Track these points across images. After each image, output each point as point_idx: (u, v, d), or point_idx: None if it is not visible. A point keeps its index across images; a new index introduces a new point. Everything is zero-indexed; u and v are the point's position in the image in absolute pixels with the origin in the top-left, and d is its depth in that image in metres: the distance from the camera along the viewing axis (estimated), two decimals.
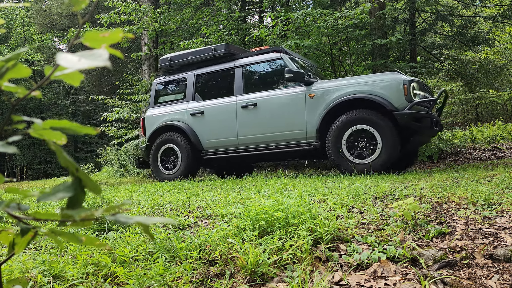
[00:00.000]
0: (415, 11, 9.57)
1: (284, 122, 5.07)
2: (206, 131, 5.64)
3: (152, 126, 6.10)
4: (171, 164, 5.89)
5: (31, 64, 22.08)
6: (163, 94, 6.34)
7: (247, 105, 5.32)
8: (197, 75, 5.98)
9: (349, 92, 4.65)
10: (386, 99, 4.45)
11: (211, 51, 5.82)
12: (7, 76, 0.56)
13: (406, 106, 4.38)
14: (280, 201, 2.23)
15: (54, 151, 0.57)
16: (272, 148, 5.17)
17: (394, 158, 4.42)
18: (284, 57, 5.30)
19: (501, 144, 9.44)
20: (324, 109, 4.78)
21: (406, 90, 4.41)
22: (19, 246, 0.63)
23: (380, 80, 4.57)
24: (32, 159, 21.90)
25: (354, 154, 4.58)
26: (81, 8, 0.57)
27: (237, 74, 5.61)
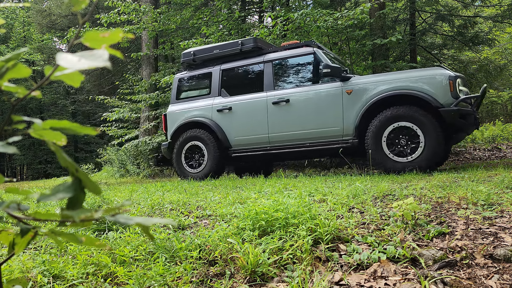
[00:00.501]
0: (415, 11, 9.57)
1: (319, 119, 4.91)
2: (234, 128, 5.46)
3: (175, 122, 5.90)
4: (196, 162, 5.71)
5: (31, 64, 22.09)
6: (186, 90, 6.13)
7: (278, 101, 5.16)
8: (223, 70, 5.79)
9: (391, 88, 4.49)
10: (431, 95, 4.28)
11: (238, 45, 5.64)
12: (7, 76, 0.56)
13: (451, 103, 4.24)
14: (280, 201, 2.24)
15: (54, 151, 0.57)
16: (306, 145, 5.00)
17: (437, 156, 4.26)
18: (317, 51, 5.15)
19: (501, 144, 9.44)
20: (363, 105, 4.61)
21: (452, 86, 4.26)
22: (19, 246, 0.63)
23: (425, 75, 4.40)
24: (32, 159, 21.90)
25: (395, 152, 4.43)
26: (81, 8, 0.57)
27: (266, 69, 5.44)
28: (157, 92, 10.86)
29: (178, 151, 5.78)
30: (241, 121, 5.43)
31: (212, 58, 5.93)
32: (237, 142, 5.49)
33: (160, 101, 11.19)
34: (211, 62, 5.98)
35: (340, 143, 4.80)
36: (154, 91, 11.15)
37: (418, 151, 4.30)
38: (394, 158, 4.41)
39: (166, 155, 6.03)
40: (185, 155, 5.77)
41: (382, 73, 5.75)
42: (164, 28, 10.18)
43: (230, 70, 5.78)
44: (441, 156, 4.33)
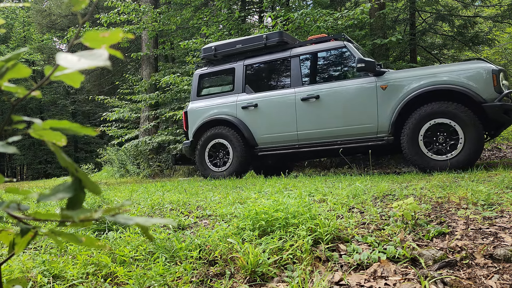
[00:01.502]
0: (415, 11, 9.57)
1: (352, 115, 4.75)
2: (261, 126, 5.28)
3: (197, 120, 5.71)
4: (220, 161, 5.55)
5: (31, 64, 22.09)
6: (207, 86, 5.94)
7: (308, 98, 4.97)
8: (246, 65, 5.60)
9: (430, 82, 4.31)
10: (473, 90, 4.11)
11: (262, 40, 5.45)
12: (7, 76, 0.56)
13: (495, 98, 4.08)
14: (280, 201, 2.24)
15: (53, 151, 0.57)
16: (337, 143, 4.84)
17: (478, 154, 4.12)
18: (348, 45, 4.98)
19: (501, 144, 9.44)
20: (400, 101, 4.45)
21: (495, 80, 4.10)
22: (19, 246, 0.63)
23: (466, 69, 4.23)
24: (32, 159, 21.91)
25: (433, 150, 4.29)
26: (81, 8, 0.57)
27: (294, 64, 5.25)
28: (157, 92, 10.87)
29: (201, 150, 5.60)
30: (268, 118, 5.25)
31: (235, 53, 5.74)
32: (263, 140, 5.32)
33: (160, 101, 11.20)
34: (234, 57, 5.79)
35: (374, 141, 4.64)
36: (154, 91, 11.15)
37: (458, 148, 4.16)
38: (432, 156, 4.27)
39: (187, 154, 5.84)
40: (209, 153, 5.60)
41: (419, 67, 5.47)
42: (164, 28, 10.18)
43: (254, 65, 5.59)
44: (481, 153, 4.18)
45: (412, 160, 4.38)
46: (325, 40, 5.24)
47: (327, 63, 5.21)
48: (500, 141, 9.98)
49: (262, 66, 5.58)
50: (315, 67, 5.26)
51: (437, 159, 4.24)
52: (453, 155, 4.18)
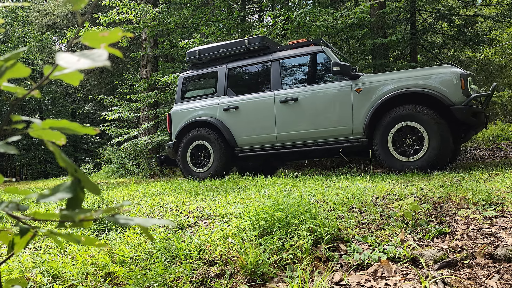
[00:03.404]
0: (416, 10, 9.56)
1: (328, 117, 4.88)
2: (241, 127, 5.41)
3: (180, 122, 5.84)
4: (202, 162, 5.67)
5: (30, 64, 22.07)
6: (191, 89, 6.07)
7: (286, 100, 5.11)
8: (229, 69, 5.73)
9: (402, 86, 4.45)
10: (442, 93, 4.25)
11: (244, 44, 5.59)
12: (6, 75, 0.56)
13: (463, 101, 4.21)
14: (280, 201, 2.23)
15: (52, 151, 0.57)
16: (314, 145, 4.96)
17: (446, 156, 4.23)
18: (326, 50, 5.12)
19: (501, 144, 9.44)
20: (373, 104, 4.58)
21: (463, 84, 4.23)
22: (18, 246, 0.62)
23: (436, 73, 4.37)
24: (32, 159, 21.89)
25: (401, 152, 4.43)
26: (80, 8, 0.57)
27: (274, 68, 5.39)
28: (156, 91, 10.86)
29: (184, 151, 5.73)
30: (248, 120, 5.37)
31: (218, 57, 5.87)
32: (244, 142, 5.44)
33: (159, 101, 11.19)
34: (217, 61, 5.93)
35: (349, 142, 4.76)
36: (153, 91, 11.14)
37: (423, 150, 4.27)
38: (399, 158, 4.40)
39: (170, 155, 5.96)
40: (191, 154, 5.72)
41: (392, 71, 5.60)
42: (163, 27, 10.17)
43: (236, 69, 5.73)
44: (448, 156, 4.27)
45: (383, 161, 4.53)
46: (304, 45, 5.38)
47: (306, 67, 5.35)
48: (501, 141, 9.98)
49: (244, 69, 5.72)
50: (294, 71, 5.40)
51: (405, 160, 4.38)
52: (419, 157, 4.31)
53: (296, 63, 5.36)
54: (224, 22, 9.99)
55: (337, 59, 5.00)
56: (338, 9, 9.13)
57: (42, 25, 19.03)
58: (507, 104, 15.80)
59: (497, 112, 18.06)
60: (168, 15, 10.07)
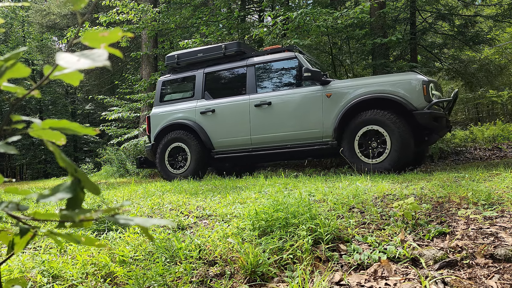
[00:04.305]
0: (416, 10, 9.56)
1: (300, 121, 5.05)
2: (217, 130, 5.55)
3: (158, 124, 5.98)
4: (179, 163, 5.79)
5: (30, 64, 22.07)
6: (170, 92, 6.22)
7: (261, 104, 5.26)
8: (206, 73, 5.88)
9: (369, 91, 4.66)
10: (406, 99, 4.47)
11: (221, 49, 5.74)
12: (6, 75, 0.56)
13: (425, 106, 4.42)
14: (280, 201, 2.23)
15: (52, 151, 0.57)
16: (287, 147, 5.12)
17: (407, 158, 4.41)
18: (298, 56, 5.29)
19: (501, 144, 9.44)
20: (342, 108, 4.77)
21: (425, 90, 4.45)
22: (18, 246, 0.62)
23: (400, 80, 4.60)
24: (32, 159, 21.89)
25: (366, 154, 4.62)
26: (80, 8, 0.57)
27: (249, 72, 5.55)
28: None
29: (161, 153, 5.86)
30: (224, 123, 5.53)
31: (196, 62, 6.03)
32: (219, 144, 5.59)
33: None
34: (195, 65, 6.09)
35: (320, 145, 4.95)
36: (153, 91, 11.14)
37: (386, 153, 4.48)
38: (366, 160, 4.61)
39: (149, 156, 6.11)
40: (168, 156, 5.85)
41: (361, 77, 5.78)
42: (163, 27, 10.17)
43: (213, 73, 5.88)
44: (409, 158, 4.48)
45: (350, 162, 4.74)
46: (279, 51, 5.55)
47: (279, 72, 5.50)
48: (501, 141, 9.98)
49: (221, 74, 5.87)
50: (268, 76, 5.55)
51: (369, 162, 4.58)
52: (382, 159, 4.51)
53: (270, 68, 5.53)
54: (224, 22, 9.99)
55: (309, 65, 5.17)
56: (338, 9, 9.13)
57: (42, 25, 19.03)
58: (507, 104, 15.80)
59: (497, 112, 18.06)
60: (168, 15, 10.07)
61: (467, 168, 4.93)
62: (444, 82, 16.76)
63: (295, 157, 5.48)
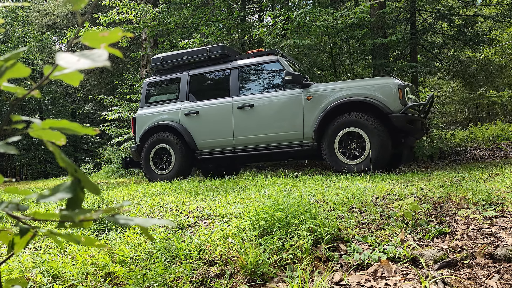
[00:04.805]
0: (416, 10, 9.56)
1: (282, 123, 5.17)
2: (201, 131, 5.66)
3: (143, 125, 6.08)
4: (164, 164, 5.88)
5: (30, 64, 22.06)
6: (155, 94, 6.33)
7: (243, 106, 5.38)
8: (191, 75, 5.99)
9: (347, 94, 4.80)
10: (382, 102, 4.63)
11: (206, 52, 5.86)
12: (6, 75, 0.56)
13: (400, 109, 4.59)
14: (280, 201, 2.23)
15: (52, 151, 0.57)
16: (269, 148, 5.24)
17: (384, 159, 4.57)
18: (280, 59, 5.40)
19: (501, 144, 9.44)
20: (322, 111, 4.91)
21: (401, 94, 4.62)
22: (18, 246, 0.62)
23: (377, 84, 4.77)
24: (32, 159, 21.88)
25: (346, 155, 4.78)
26: (80, 8, 0.57)
27: (233, 75, 5.66)
28: None
29: (146, 154, 5.94)
30: (208, 124, 5.62)
31: (181, 64, 6.12)
32: (203, 145, 5.68)
33: None
34: (180, 67, 6.18)
35: (300, 146, 5.07)
36: None
37: (365, 154, 4.63)
38: (345, 161, 4.75)
39: (134, 157, 6.18)
40: (153, 157, 5.93)
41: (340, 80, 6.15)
42: (163, 27, 10.17)
43: (198, 75, 5.98)
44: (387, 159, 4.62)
45: (330, 163, 4.88)
46: (262, 54, 5.65)
47: (262, 75, 5.62)
48: (501, 141, 9.98)
49: (205, 76, 5.97)
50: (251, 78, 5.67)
51: (349, 163, 4.73)
52: (361, 159, 4.66)
53: (253, 71, 5.65)
54: (224, 22, 9.98)
55: (290, 68, 5.30)
56: (338, 9, 9.13)
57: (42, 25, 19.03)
58: (507, 104, 15.80)
59: (497, 112, 18.06)
60: (168, 15, 10.07)
61: (467, 168, 4.93)
62: (444, 82, 16.76)
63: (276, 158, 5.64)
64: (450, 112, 19.53)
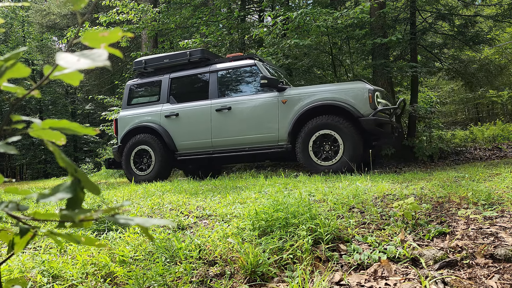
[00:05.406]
0: (416, 10, 9.55)
1: (258, 125, 5.29)
2: (181, 133, 5.77)
3: (125, 127, 6.18)
4: (144, 165, 5.97)
5: (30, 64, 22.06)
6: (137, 96, 6.44)
7: (221, 109, 5.50)
8: (172, 78, 6.11)
9: (320, 98, 4.96)
10: (353, 106, 4.80)
11: (186, 56, 5.97)
12: (6, 75, 0.56)
13: (370, 113, 4.75)
14: (280, 201, 2.23)
15: (52, 151, 0.57)
16: (245, 150, 5.37)
17: (356, 161, 4.71)
18: (258, 64, 5.52)
19: (501, 144, 9.44)
20: (296, 114, 5.04)
21: (370, 98, 4.79)
22: (18, 246, 0.62)
23: (348, 88, 4.94)
24: (32, 159, 21.88)
25: (319, 157, 4.91)
26: (80, 8, 0.57)
27: (212, 78, 5.79)
28: None
29: (127, 155, 6.03)
30: (187, 126, 5.73)
31: (162, 67, 6.23)
32: (182, 146, 5.79)
33: None
34: (161, 70, 6.29)
35: (275, 148, 5.20)
36: None
37: (338, 155, 4.78)
38: (319, 162, 4.87)
39: (116, 158, 6.28)
40: (134, 158, 6.02)
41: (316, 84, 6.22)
42: (163, 27, 10.17)
43: (178, 78, 6.09)
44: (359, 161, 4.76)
45: (304, 164, 4.99)
46: (240, 58, 5.78)
47: (240, 79, 5.77)
48: (501, 141, 9.98)
49: (185, 79, 6.09)
50: (229, 82, 5.81)
51: (323, 164, 4.86)
52: (334, 161, 4.81)
53: (231, 74, 5.79)
54: (224, 22, 9.98)
55: (267, 72, 5.43)
56: (338, 9, 9.12)
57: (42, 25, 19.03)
58: (507, 104, 15.80)
59: (497, 112, 18.06)
60: (168, 15, 10.07)
61: (467, 168, 4.93)
62: (444, 82, 16.75)
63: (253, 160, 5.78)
64: (450, 112, 19.53)
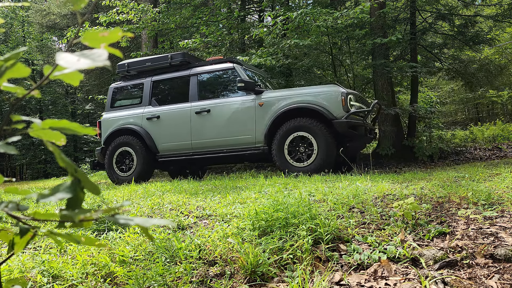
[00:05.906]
0: (416, 10, 9.55)
1: (235, 127, 5.39)
2: (162, 135, 5.87)
3: (108, 129, 6.28)
4: (126, 166, 6.07)
5: (30, 64, 22.06)
6: (120, 99, 6.54)
7: (201, 111, 5.60)
8: (153, 81, 6.21)
9: (295, 101, 5.06)
10: (326, 108, 4.90)
11: (167, 59, 6.08)
12: (6, 75, 0.56)
13: (343, 116, 4.85)
14: (280, 201, 2.23)
15: (52, 151, 0.57)
16: (224, 151, 5.47)
17: (330, 162, 4.81)
18: (236, 67, 5.63)
19: (501, 144, 9.44)
20: (271, 116, 5.15)
21: (343, 101, 4.89)
22: (18, 246, 0.62)
23: (322, 91, 5.04)
24: (32, 159, 21.88)
25: (295, 158, 4.99)
26: (80, 8, 0.57)
27: (192, 81, 5.89)
28: None
29: (110, 156, 6.14)
30: (168, 128, 5.84)
31: (145, 70, 6.34)
32: (164, 148, 5.91)
33: None
34: (144, 73, 6.40)
35: (252, 150, 5.30)
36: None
37: (313, 157, 4.87)
38: (294, 164, 4.96)
39: (99, 159, 6.39)
40: (116, 159, 6.12)
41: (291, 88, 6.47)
42: (163, 27, 10.17)
43: (160, 81, 6.21)
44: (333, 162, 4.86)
45: (280, 166, 5.07)
46: (220, 61, 5.89)
47: (219, 82, 5.91)
48: (501, 141, 9.98)
49: (167, 82, 6.22)
50: (209, 85, 5.93)
51: (298, 165, 4.94)
52: (309, 162, 4.89)
53: (211, 77, 5.91)
54: (224, 22, 9.98)
55: (245, 76, 5.54)
56: (338, 9, 9.12)
57: (42, 25, 19.02)
58: (507, 104, 15.80)
59: (497, 112, 18.06)
60: (168, 15, 10.07)
61: (467, 168, 4.93)
62: (444, 82, 16.75)
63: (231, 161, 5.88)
64: (450, 112, 19.53)
